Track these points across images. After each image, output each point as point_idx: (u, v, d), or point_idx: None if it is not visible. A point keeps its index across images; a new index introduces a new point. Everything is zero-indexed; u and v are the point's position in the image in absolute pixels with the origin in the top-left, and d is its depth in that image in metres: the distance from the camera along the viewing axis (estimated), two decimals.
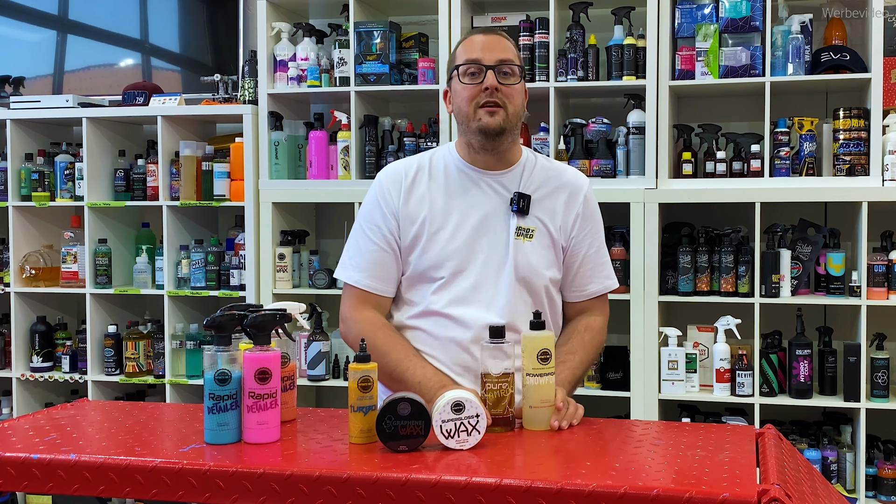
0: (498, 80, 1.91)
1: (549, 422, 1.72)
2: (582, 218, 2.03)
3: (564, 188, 2.03)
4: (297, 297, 3.42)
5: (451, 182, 1.99)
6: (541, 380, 1.72)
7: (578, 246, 2.03)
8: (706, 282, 3.16)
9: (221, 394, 1.62)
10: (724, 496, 1.32)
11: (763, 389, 3.08)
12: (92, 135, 3.66)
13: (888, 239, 3.07)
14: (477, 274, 1.95)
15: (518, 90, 1.95)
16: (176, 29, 4.02)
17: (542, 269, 1.98)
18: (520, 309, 1.95)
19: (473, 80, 1.92)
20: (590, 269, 2.05)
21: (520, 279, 1.95)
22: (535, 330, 1.75)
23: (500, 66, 1.91)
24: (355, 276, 1.99)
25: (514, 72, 1.93)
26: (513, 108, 1.93)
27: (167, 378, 3.59)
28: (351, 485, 1.44)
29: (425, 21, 3.55)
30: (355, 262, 2.00)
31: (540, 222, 1.99)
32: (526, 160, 2.04)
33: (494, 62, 1.91)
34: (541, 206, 1.99)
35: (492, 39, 1.95)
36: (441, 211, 1.97)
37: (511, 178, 2.00)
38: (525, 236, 1.96)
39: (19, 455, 1.56)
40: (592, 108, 3.45)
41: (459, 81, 1.94)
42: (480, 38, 1.95)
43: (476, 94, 1.91)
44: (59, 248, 3.76)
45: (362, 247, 2.00)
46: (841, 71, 3.06)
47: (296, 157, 3.55)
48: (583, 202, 2.03)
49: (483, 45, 1.93)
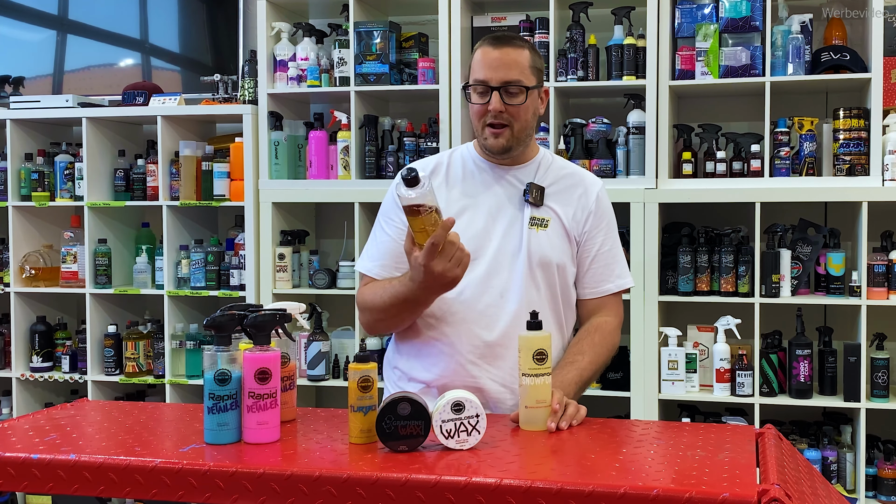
0: (503, 101, 1.92)
1: (546, 422, 1.72)
2: (594, 215, 2.05)
3: (578, 185, 2.06)
4: (297, 297, 3.42)
5: (467, 175, 2.05)
6: (536, 380, 1.71)
7: (591, 242, 2.05)
8: (706, 282, 3.16)
9: (221, 394, 1.62)
10: (724, 496, 1.32)
11: (763, 389, 3.08)
12: (92, 135, 3.66)
13: (888, 239, 3.07)
14: (490, 261, 1.97)
15: (525, 108, 1.96)
16: (176, 29, 4.02)
17: (557, 257, 2.00)
18: (533, 297, 1.97)
19: (481, 98, 1.95)
20: (602, 267, 2.06)
21: (534, 267, 1.97)
22: (531, 330, 1.75)
23: (506, 86, 1.93)
24: (368, 265, 2.05)
25: (521, 90, 1.94)
26: (520, 124, 1.96)
27: (167, 378, 3.59)
28: (351, 485, 1.44)
29: (425, 21, 3.55)
30: (370, 253, 2.07)
31: (554, 213, 2.02)
32: (542, 157, 2.07)
33: (499, 83, 1.92)
34: (555, 199, 2.02)
35: (502, 56, 1.94)
36: (456, 201, 2.01)
37: (526, 172, 2.04)
38: (539, 226, 1.99)
39: (19, 455, 1.56)
40: (592, 108, 3.45)
41: (469, 100, 1.99)
42: (491, 53, 1.94)
43: (483, 113, 1.96)
44: (59, 248, 3.76)
45: (377, 238, 2.06)
46: (841, 71, 3.06)
47: (296, 157, 3.55)
48: (595, 200, 2.06)
49: (491, 64, 1.93)
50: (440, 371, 1.97)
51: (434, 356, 1.98)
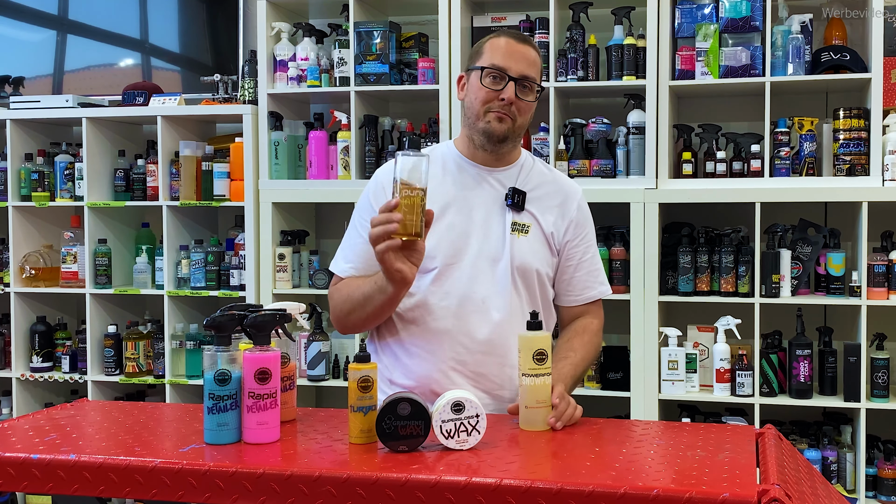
0: (517, 94, 1.92)
1: (546, 421, 1.72)
2: (576, 224, 2.05)
3: (559, 193, 2.06)
4: (297, 297, 3.42)
5: (448, 176, 2.01)
6: (536, 380, 1.71)
7: (574, 251, 2.05)
8: (706, 282, 3.16)
9: (221, 394, 1.62)
10: (724, 496, 1.32)
11: (763, 389, 3.08)
12: (92, 135, 3.66)
13: (888, 239, 3.07)
14: (471, 266, 1.96)
15: (531, 107, 1.97)
16: (176, 29, 4.02)
17: (537, 264, 1.99)
18: (515, 303, 1.96)
19: (494, 84, 1.93)
20: (586, 275, 2.07)
21: (516, 272, 1.97)
22: (531, 330, 1.75)
23: (523, 80, 1.93)
24: (342, 266, 2.03)
25: (532, 89, 1.95)
26: (521, 121, 1.96)
27: (167, 378, 3.59)
28: (351, 485, 1.44)
29: (425, 21, 3.55)
30: (344, 254, 2.04)
31: (534, 219, 2.01)
32: (524, 161, 2.06)
33: (518, 75, 1.92)
34: (535, 205, 2.01)
35: (524, 50, 1.94)
36: (436, 203, 1.96)
37: (508, 175, 2.02)
38: (521, 231, 1.99)
39: (19, 455, 1.56)
40: (592, 108, 3.45)
41: (480, 81, 1.94)
42: (514, 44, 1.94)
43: (492, 100, 1.93)
44: (59, 248, 3.76)
45: (352, 240, 2.04)
46: (841, 71, 3.06)
47: (296, 157, 3.55)
48: (576, 209, 2.06)
49: (513, 54, 1.93)
50: (420, 377, 1.95)
51: (415, 362, 1.96)
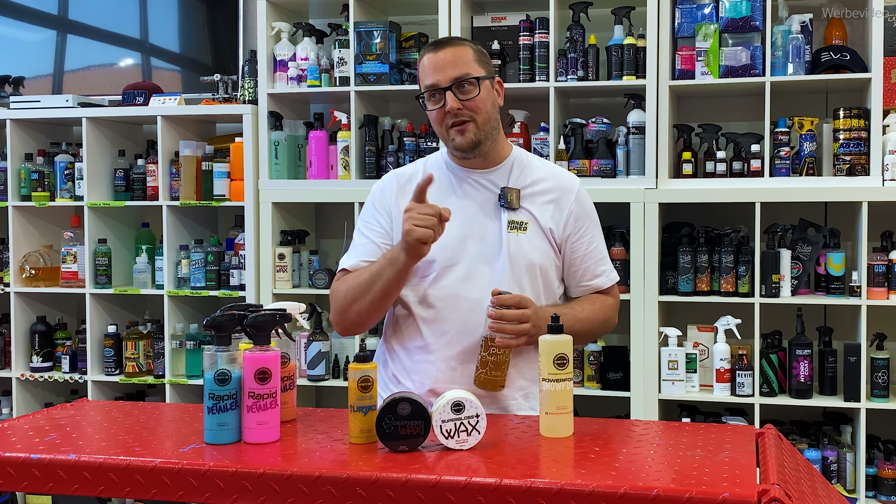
0: (458, 98, 1.92)
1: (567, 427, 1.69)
2: (576, 215, 2.04)
3: (555, 187, 2.05)
4: (296, 297, 3.42)
5: (442, 182, 2.03)
6: (557, 385, 1.67)
7: (578, 243, 2.04)
8: (706, 282, 3.16)
9: (221, 394, 1.62)
10: (724, 496, 1.32)
11: (763, 389, 3.08)
12: (92, 135, 3.66)
13: (888, 239, 3.07)
14: (468, 267, 1.96)
15: (483, 99, 1.95)
16: (176, 29, 4.02)
17: (539, 259, 1.99)
18: None
19: (435, 103, 1.95)
20: (594, 264, 2.06)
21: (519, 271, 1.97)
22: (552, 333, 1.70)
23: (457, 83, 1.92)
24: (353, 261, 2.03)
25: (473, 83, 1.94)
26: (482, 117, 1.95)
27: (167, 378, 3.59)
28: (351, 485, 1.44)
29: (425, 21, 3.55)
30: (357, 251, 2.05)
31: (531, 215, 2.01)
32: (515, 158, 2.06)
33: (450, 82, 1.92)
34: (531, 201, 2.01)
35: (442, 56, 1.94)
36: None
37: (499, 175, 2.03)
38: (518, 229, 1.99)
39: (19, 455, 1.56)
40: (592, 108, 3.45)
41: (425, 107, 1.98)
42: (431, 58, 1.95)
43: (443, 117, 1.95)
44: (59, 248, 3.76)
45: (356, 242, 2.06)
46: (841, 71, 3.06)
47: (296, 157, 3.55)
48: (575, 200, 2.04)
49: (435, 67, 1.94)
50: (423, 377, 1.97)
51: (418, 362, 1.98)
